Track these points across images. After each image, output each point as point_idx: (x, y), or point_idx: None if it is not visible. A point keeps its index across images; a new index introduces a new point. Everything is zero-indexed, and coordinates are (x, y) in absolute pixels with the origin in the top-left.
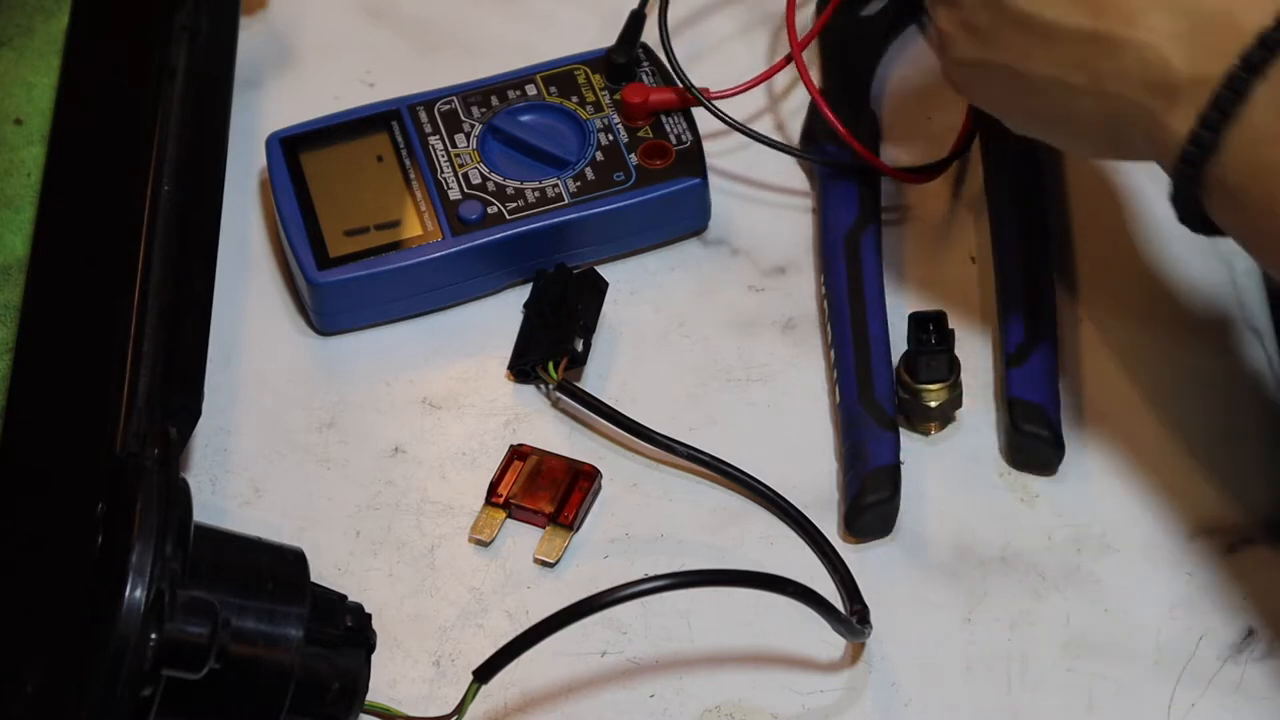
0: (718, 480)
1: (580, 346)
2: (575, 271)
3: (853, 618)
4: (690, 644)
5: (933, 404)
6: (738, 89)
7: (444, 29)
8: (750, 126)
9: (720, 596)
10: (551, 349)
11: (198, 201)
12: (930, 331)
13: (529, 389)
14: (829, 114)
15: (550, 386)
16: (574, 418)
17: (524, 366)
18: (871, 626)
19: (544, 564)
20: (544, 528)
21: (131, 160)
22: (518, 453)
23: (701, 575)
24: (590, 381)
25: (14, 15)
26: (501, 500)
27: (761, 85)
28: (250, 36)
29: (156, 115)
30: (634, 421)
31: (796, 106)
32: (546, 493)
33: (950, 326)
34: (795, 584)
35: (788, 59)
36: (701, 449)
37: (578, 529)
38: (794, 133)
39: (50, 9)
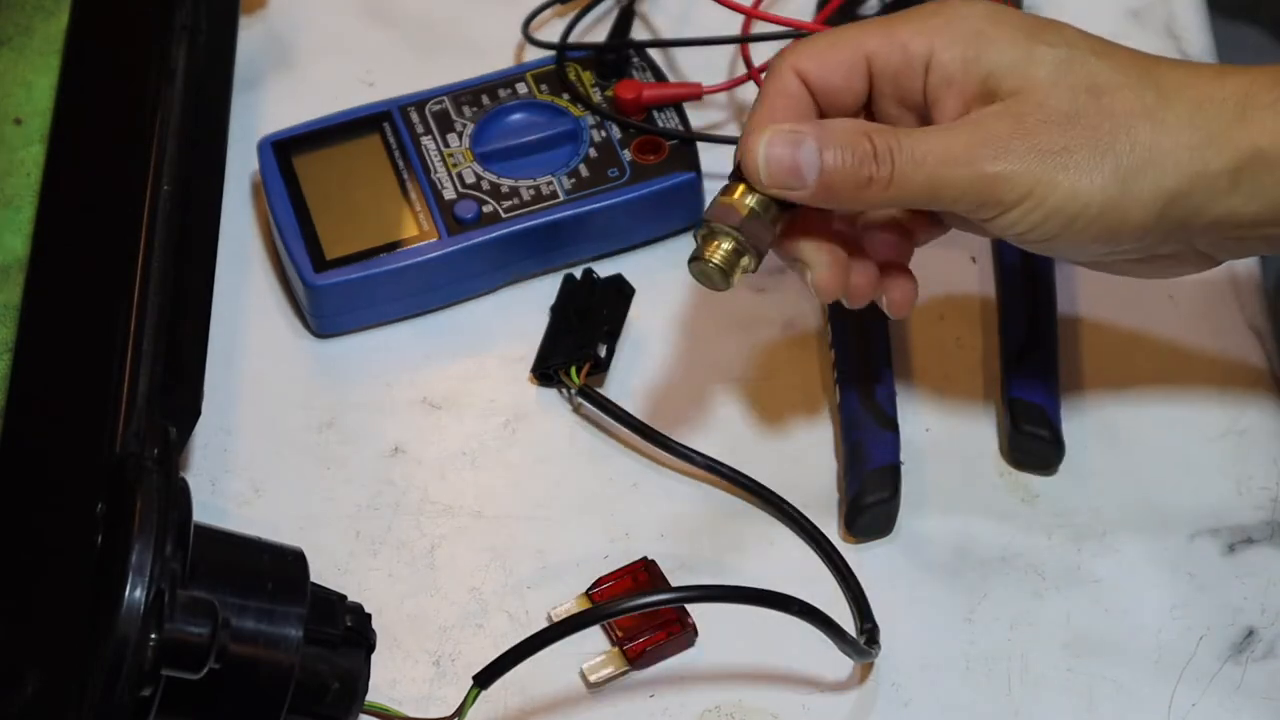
0: (718, 481)
1: (603, 352)
2: (602, 277)
3: (861, 638)
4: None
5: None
6: (730, 84)
7: (444, 29)
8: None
9: None
10: (574, 353)
11: (198, 201)
12: None
13: (528, 388)
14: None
15: (572, 391)
16: (575, 416)
17: (547, 370)
18: (880, 646)
19: (584, 679)
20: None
21: (131, 160)
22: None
23: (707, 591)
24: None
25: (14, 15)
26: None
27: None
28: (250, 36)
29: (156, 115)
30: (656, 431)
31: None
32: (637, 620)
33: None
34: (801, 603)
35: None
36: (701, 450)
37: (638, 667)
38: None
39: (50, 9)
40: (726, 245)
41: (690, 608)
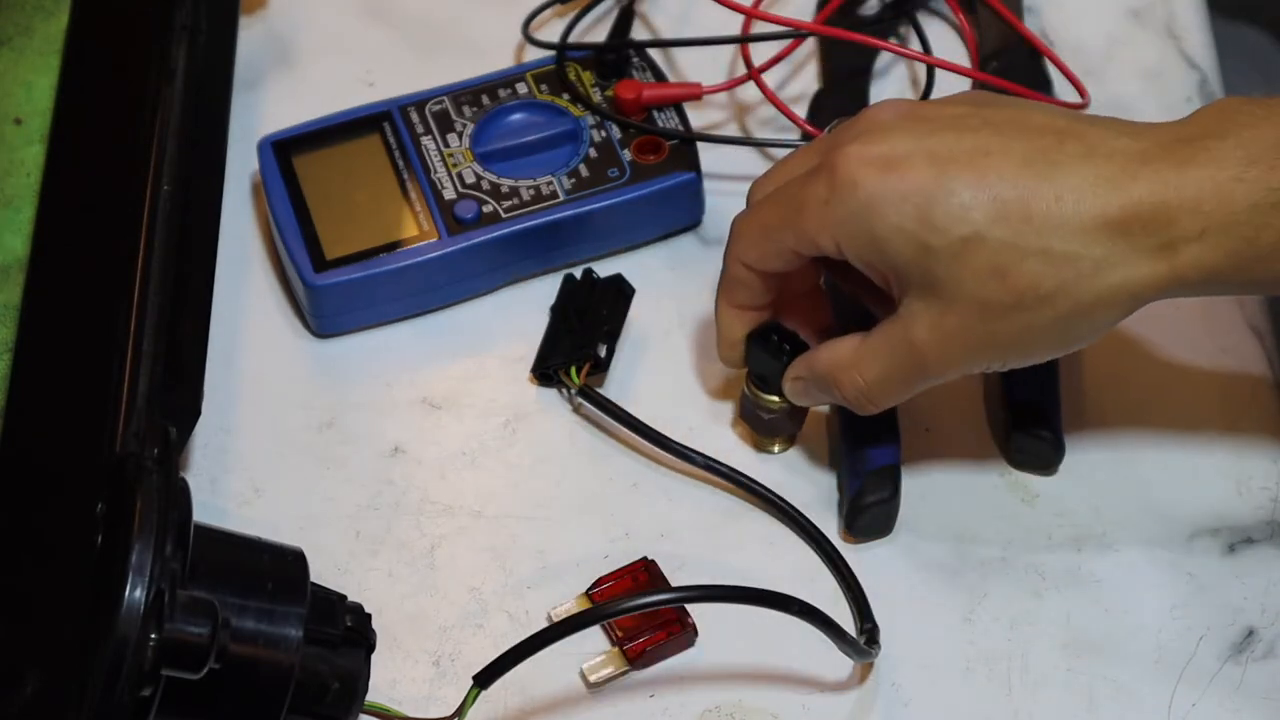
0: (718, 481)
1: (603, 352)
2: (602, 277)
3: (861, 638)
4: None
5: (771, 413)
6: (730, 84)
7: (444, 29)
8: (745, 121)
9: None
10: (574, 354)
11: (198, 201)
12: (774, 341)
13: (528, 388)
14: (771, 95)
15: (572, 391)
16: (575, 416)
17: (547, 370)
18: (880, 646)
19: (584, 679)
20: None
21: (131, 160)
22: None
23: (707, 591)
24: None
25: (14, 15)
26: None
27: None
28: (250, 36)
29: (156, 115)
30: (656, 431)
31: (794, 96)
32: (637, 620)
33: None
34: (801, 603)
35: (785, 52)
36: (701, 450)
37: (638, 667)
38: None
39: (50, 9)
40: (777, 441)
41: (690, 608)
